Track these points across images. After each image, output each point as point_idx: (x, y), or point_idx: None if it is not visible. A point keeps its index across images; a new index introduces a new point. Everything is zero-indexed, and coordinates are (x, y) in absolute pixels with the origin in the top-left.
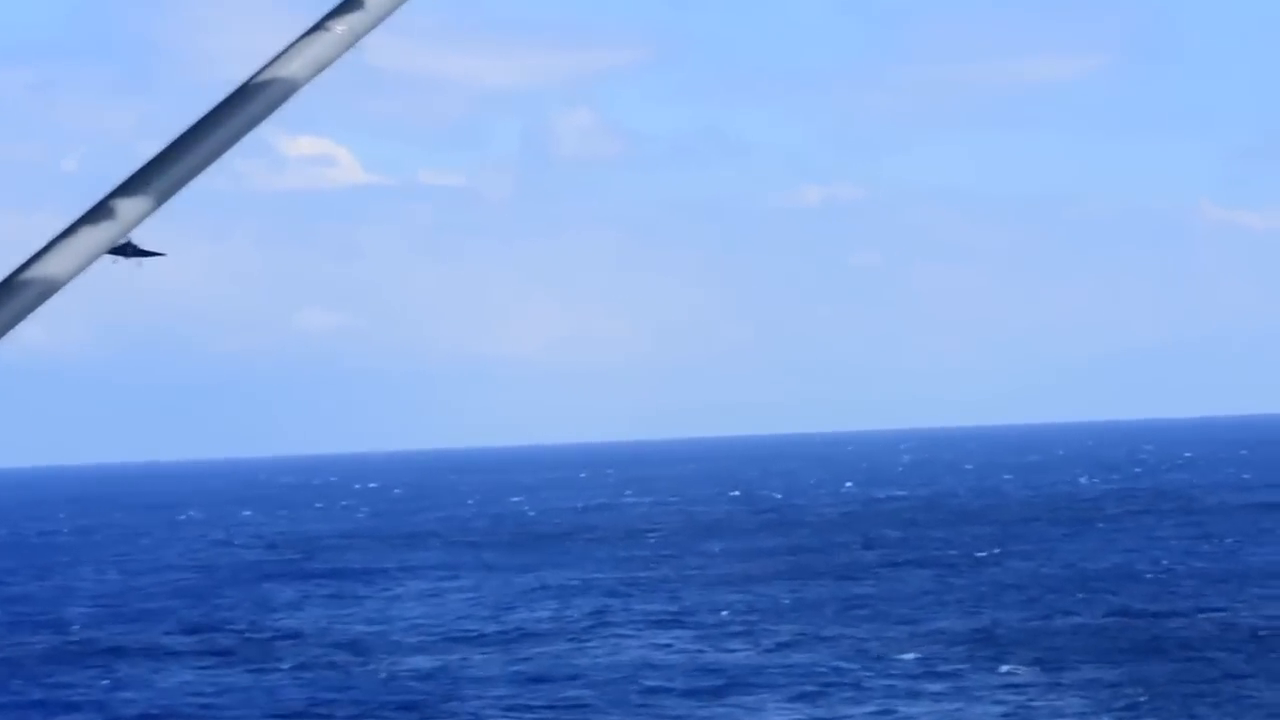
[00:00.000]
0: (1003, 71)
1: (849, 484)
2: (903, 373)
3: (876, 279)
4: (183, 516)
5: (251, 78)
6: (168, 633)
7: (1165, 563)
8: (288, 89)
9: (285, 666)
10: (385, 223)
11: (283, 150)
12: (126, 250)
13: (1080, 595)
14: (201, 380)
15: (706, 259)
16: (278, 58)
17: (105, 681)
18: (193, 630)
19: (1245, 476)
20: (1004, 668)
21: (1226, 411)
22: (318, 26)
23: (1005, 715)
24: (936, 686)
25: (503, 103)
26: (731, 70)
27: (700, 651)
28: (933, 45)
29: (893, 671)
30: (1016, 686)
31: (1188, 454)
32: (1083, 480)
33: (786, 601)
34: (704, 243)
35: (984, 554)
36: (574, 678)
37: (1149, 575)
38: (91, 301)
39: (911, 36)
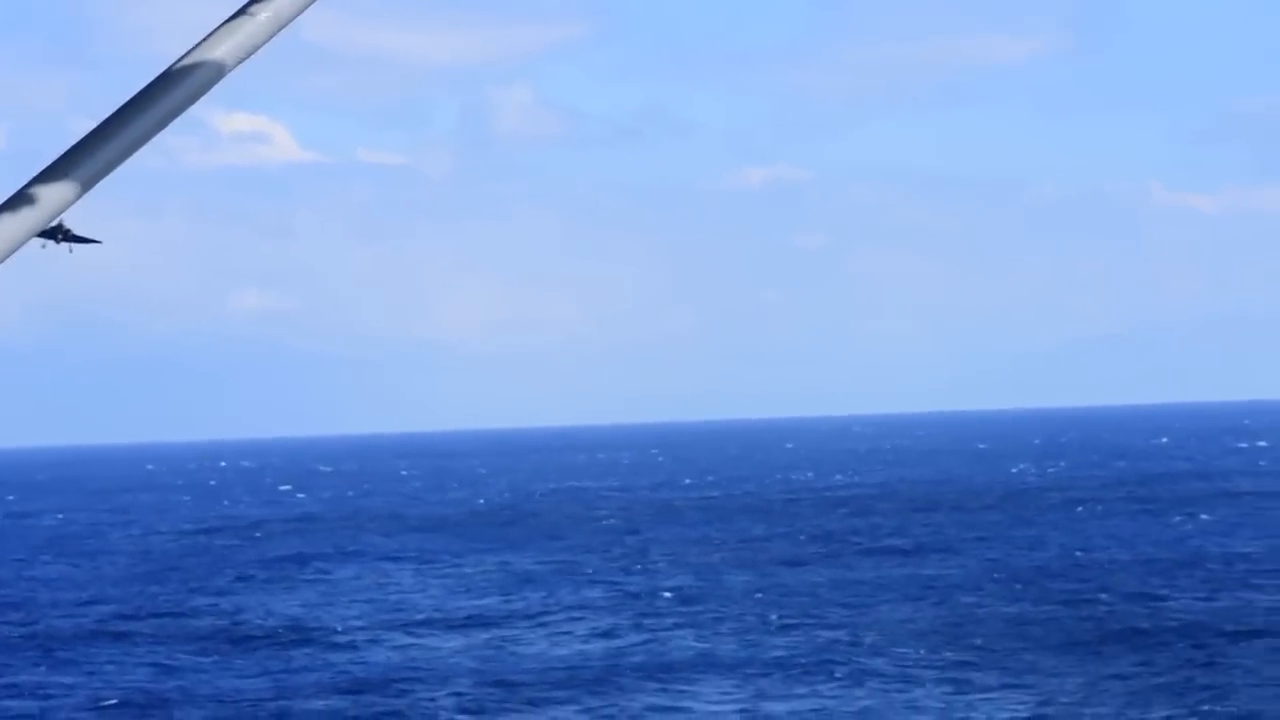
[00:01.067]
0: (951, 51)
1: (808, 473)
2: (850, 358)
3: (822, 261)
4: (121, 501)
5: (176, 62)
6: (117, 617)
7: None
8: (213, 74)
9: (237, 650)
10: (322, 201)
11: (217, 127)
12: (57, 234)
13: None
14: (135, 362)
15: (649, 240)
16: (202, 42)
17: (42, 667)
18: (129, 617)
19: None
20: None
21: (1177, 399)
22: (241, 11)
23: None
24: (889, 671)
25: (442, 80)
26: (673, 48)
27: (645, 633)
28: (880, 24)
29: (857, 659)
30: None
31: (1164, 439)
32: (1022, 467)
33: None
34: (646, 224)
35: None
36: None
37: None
38: (21, 282)
39: (858, 15)
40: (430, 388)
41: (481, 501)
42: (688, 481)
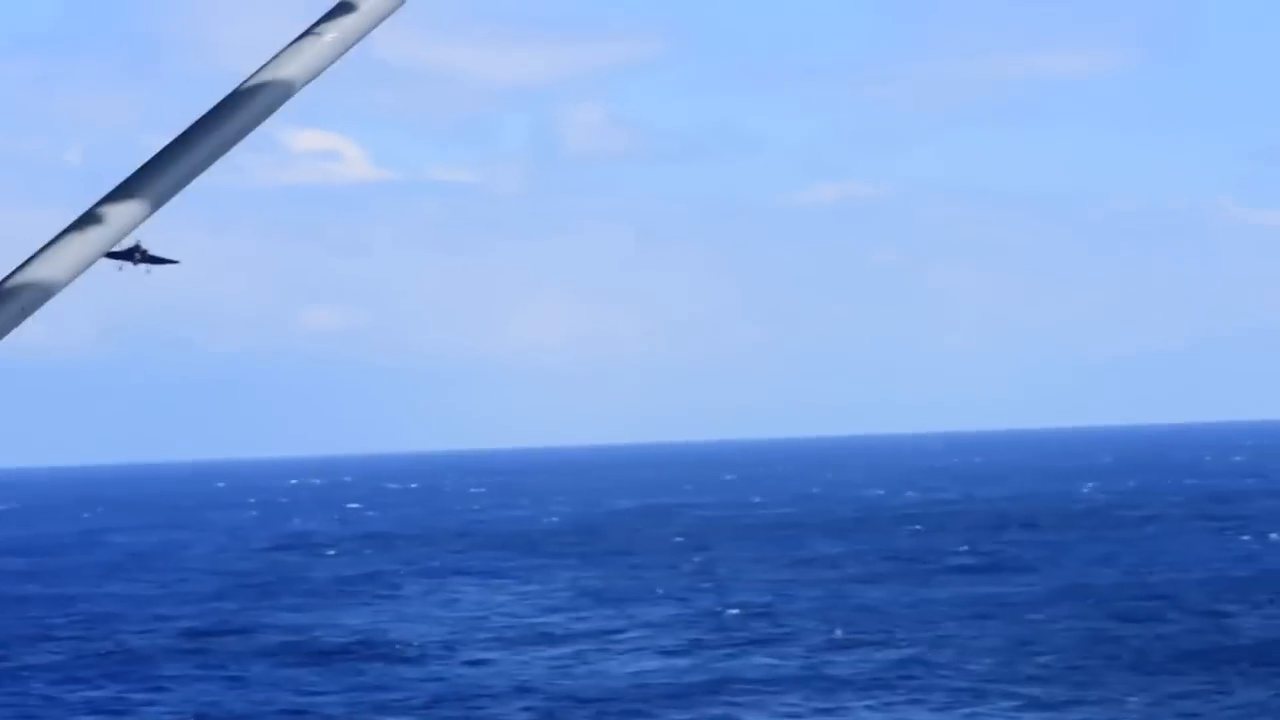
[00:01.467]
0: (1020, 67)
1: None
2: (922, 374)
3: (894, 277)
4: (194, 518)
5: (244, 83)
6: (191, 634)
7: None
8: (281, 94)
9: (309, 665)
10: (393, 219)
11: (289, 145)
12: (134, 255)
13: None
14: (206, 380)
15: (720, 256)
16: (269, 63)
17: (119, 683)
18: (204, 633)
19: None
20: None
21: (1250, 416)
22: (309, 32)
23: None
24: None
25: (512, 97)
26: (744, 64)
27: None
28: (950, 40)
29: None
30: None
31: (1237, 457)
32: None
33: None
34: (717, 240)
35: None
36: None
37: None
38: (93, 300)
39: (929, 31)
40: (500, 404)
41: (554, 519)
42: (757, 499)
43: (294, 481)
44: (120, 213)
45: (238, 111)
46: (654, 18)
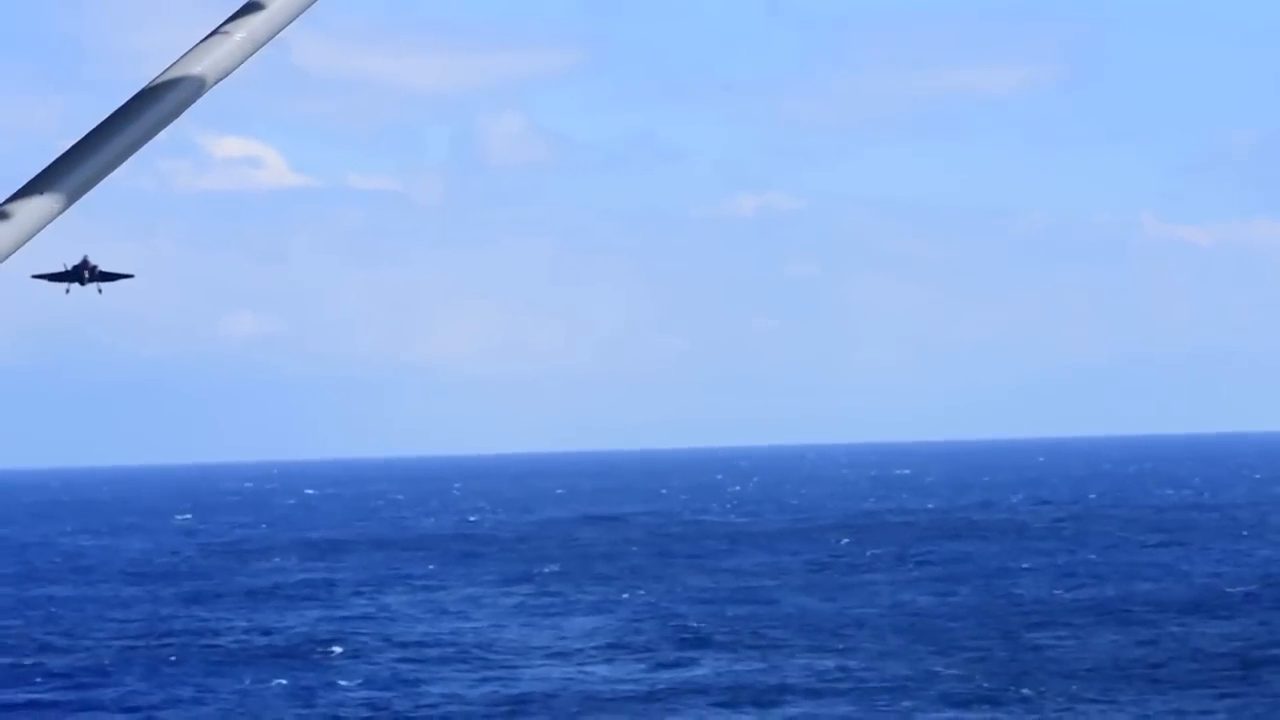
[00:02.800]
0: (941, 82)
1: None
2: (841, 387)
3: (814, 290)
4: (125, 522)
5: (154, 80)
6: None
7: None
8: (193, 91)
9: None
10: (313, 226)
11: (209, 150)
12: (83, 276)
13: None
14: (126, 385)
15: (640, 267)
16: (179, 60)
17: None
18: (140, 635)
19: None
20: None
21: (1171, 430)
22: (217, 31)
23: None
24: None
25: (433, 106)
26: (664, 77)
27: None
28: (871, 55)
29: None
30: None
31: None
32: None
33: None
34: (638, 251)
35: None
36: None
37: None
38: (8, 302)
39: (849, 45)
40: (419, 412)
41: (476, 523)
42: (718, 505)
43: (234, 485)
44: (30, 209)
45: (149, 108)
46: (573, 30)
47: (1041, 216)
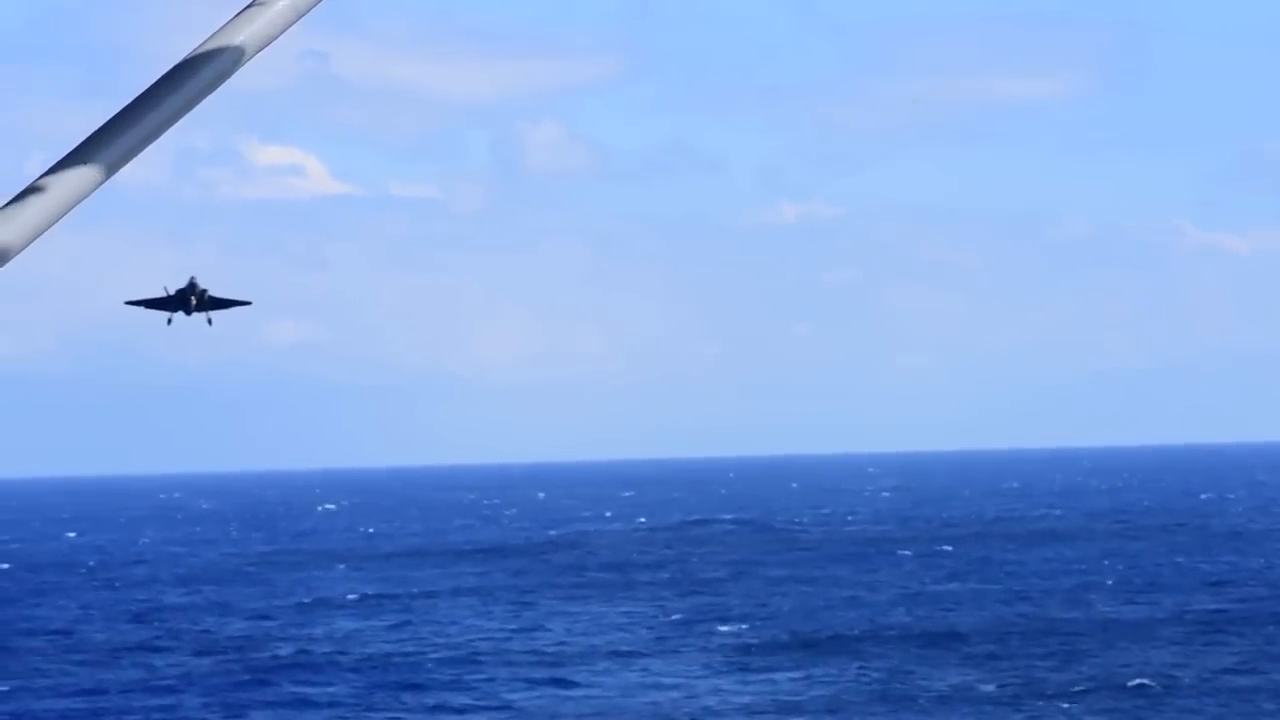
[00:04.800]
0: (980, 89)
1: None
2: (876, 394)
3: (852, 297)
4: (184, 533)
5: (193, 51)
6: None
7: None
8: (232, 62)
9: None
10: (354, 233)
11: (252, 159)
12: (189, 304)
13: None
14: (167, 392)
15: (679, 275)
16: (217, 32)
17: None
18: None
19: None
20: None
21: (1208, 439)
22: (254, 2)
23: None
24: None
25: (472, 113)
26: (703, 85)
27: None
28: (910, 62)
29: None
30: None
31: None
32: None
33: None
34: (676, 258)
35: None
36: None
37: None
38: (56, 311)
39: (888, 53)
40: (458, 420)
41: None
42: (728, 517)
43: (267, 493)
44: (69, 180)
45: (188, 79)
46: (611, 37)
47: (1079, 224)
